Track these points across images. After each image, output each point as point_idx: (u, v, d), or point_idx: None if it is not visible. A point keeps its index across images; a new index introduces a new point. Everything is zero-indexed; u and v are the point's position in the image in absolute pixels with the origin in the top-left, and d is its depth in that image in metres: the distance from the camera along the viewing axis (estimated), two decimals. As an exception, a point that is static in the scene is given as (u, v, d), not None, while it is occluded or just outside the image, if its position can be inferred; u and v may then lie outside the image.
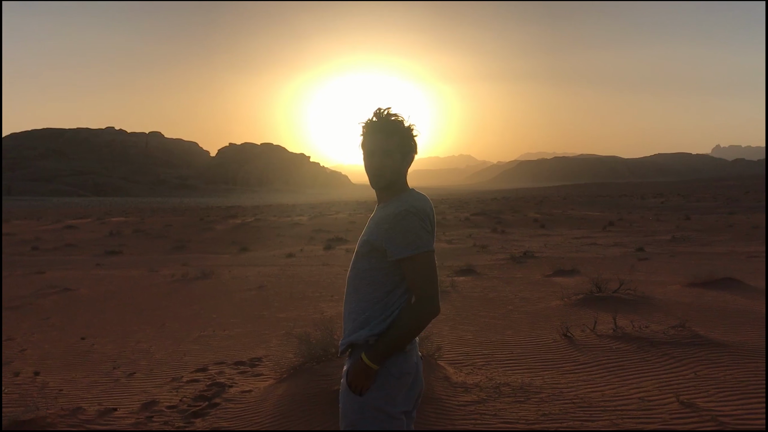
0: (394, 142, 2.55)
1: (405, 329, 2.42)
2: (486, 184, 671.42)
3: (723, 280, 10.95)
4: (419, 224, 2.44)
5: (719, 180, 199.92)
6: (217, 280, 14.41)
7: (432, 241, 2.47)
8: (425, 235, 2.44)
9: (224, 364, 6.82)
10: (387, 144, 2.54)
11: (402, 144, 2.56)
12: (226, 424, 4.97)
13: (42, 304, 11.40)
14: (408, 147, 2.59)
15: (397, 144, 2.55)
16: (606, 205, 72.92)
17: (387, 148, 2.54)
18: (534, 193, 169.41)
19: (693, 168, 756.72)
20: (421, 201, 2.52)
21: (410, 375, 2.50)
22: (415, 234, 2.43)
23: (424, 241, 2.44)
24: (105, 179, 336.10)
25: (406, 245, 2.43)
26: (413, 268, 2.44)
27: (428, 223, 2.48)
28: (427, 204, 2.54)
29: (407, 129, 2.57)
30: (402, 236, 2.44)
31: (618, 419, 4.69)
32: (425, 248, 2.44)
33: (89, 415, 5.21)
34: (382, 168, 2.56)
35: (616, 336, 6.97)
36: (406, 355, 2.49)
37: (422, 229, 2.44)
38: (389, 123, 2.54)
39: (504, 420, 4.74)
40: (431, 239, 2.47)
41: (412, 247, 2.43)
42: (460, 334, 7.76)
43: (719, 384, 5.35)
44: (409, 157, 2.61)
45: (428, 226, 2.47)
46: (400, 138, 2.56)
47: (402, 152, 2.57)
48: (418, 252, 2.43)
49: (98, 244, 31.99)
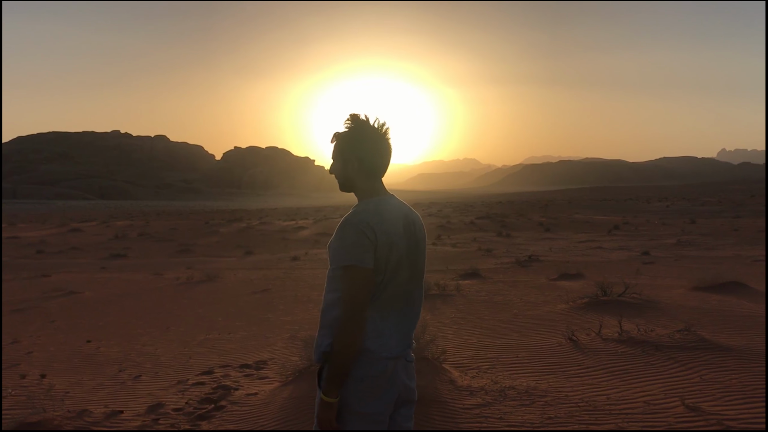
0: (336, 148, 2.55)
1: (334, 353, 2.35)
2: (491, 188, 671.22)
3: (728, 284, 10.92)
4: (353, 237, 2.32)
5: (725, 184, 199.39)
6: (222, 283, 14.44)
7: (365, 257, 2.31)
8: (355, 250, 2.31)
9: (229, 367, 6.83)
10: (332, 151, 2.58)
11: (341, 150, 2.53)
12: (231, 426, 4.98)
13: (48, 307, 11.44)
14: (346, 153, 2.51)
15: (337, 150, 2.54)
16: (611, 209, 72.78)
17: (332, 155, 2.58)
18: (539, 196, 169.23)
19: (698, 172, 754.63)
20: (370, 213, 2.39)
21: (378, 378, 2.42)
22: (344, 247, 2.32)
23: (352, 256, 2.30)
24: (110, 182, 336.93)
25: (334, 257, 2.38)
26: (342, 282, 2.35)
27: (369, 237, 2.32)
28: (378, 216, 2.39)
29: (344, 135, 2.52)
30: (334, 247, 2.39)
31: (623, 423, 4.68)
32: (349, 262, 2.31)
33: (96, 418, 5.22)
34: (334, 173, 2.58)
35: (621, 340, 6.96)
36: (370, 360, 2.41)
37: (354, 243, 2.31)
38: (336, 131, 2.56)
39: (509, 423, 4.74)
40: (365, 254, 2.31)
41: (338, 259, 2.35)
42: (465, 337, 7.76)
43: (725, 388, 5.34)
44: (351, 165, 2.51)
45: (366, 240, 2.32)
46: (339, 144, 2.54)
47: (342, 159, 2.53)
48: (342, 265, 2.34)
49: (103, 248, 32.07)
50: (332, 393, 2.36)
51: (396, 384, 2.49)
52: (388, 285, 2.42)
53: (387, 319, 2.44)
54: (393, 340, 2.46)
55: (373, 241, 2.33)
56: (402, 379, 2.52)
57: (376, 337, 2.41)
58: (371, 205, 2.44)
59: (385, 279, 2.40)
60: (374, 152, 2.50)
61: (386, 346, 2.44)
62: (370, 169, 2.51)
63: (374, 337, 2.41)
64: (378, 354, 2.42)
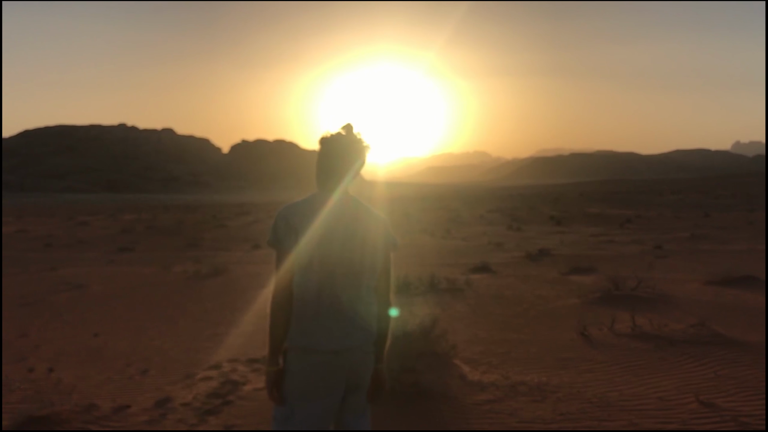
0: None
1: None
2: (501, 181, 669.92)
3: (743, 278, 10.82)
4: (275, 222, 2.66)
5: (739, 177, 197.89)
6: (229, 277, 14.41)
7: (280, 241, 2.62)
8: (271, 233, 2.66)
9: (237, 361, 6.79)
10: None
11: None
12: (239, 421, 4.93)
13: (55, 301, 11.44)
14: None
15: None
16: (623, 202, 72.51)
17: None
18: (550, 189, 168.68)
19: (712, 164, 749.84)
20: (295, 204, 2.70)
21: (313, 366, 2.58)
22: (270, 229, 2.68)
23: (270, 237, 2.67)
24: (117, 176, 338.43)
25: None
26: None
27: (283, 225, 2.63)
28: (300, 207, 2.67)
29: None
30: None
31: (636, 419, 4.61)
32: (270, 243, 2.67)
33: (103, 412, 5.19)
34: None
35: (634, 335, 6.88)
36: (303, 352, 2.59)
37: (273, 228, 2.66)
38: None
39: (520, 419, 4.67)
40: (280, 238, 2.63)
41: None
42: (475, 332, 7.69)
43: (740, 384, 5.26)
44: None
45: (281, 228, 2.63)
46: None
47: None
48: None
49: (111, 241, 32.17)
50: (268, 362, 2.63)
51: (337, 372, 2.60)
52: (307, 275, 2.60)
53: (315, 317, 2.60)
54: (323, 339, 2.59)
55: (281, 230, 2.64)
56: (345, 366, 2.62)
57: (302, 336, 2.60)
58: (302, 198, 2.74)
59: (300, 266, 2.60)
60: (327, 156, 2.73)
61: (317, 343, 2.59)
62: (320, 174, 2.75)
63: (299, 335, 2.60)
64: (309, 344, 2.59)
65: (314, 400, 2.59)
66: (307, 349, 2.59)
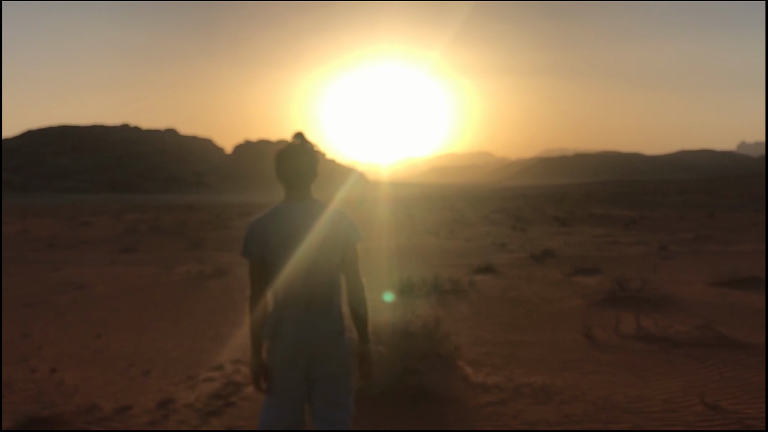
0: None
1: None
2: (505, 181, 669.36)
3: (748, 279, 10.77)
4: (244, 236, 2.95)
5: (744, 177, 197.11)
6: (233, 277, 14.39)
7: (248, 251, 2.92)
8: (242, 246, 2.95)
9: (240, 362, 6.77)
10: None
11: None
12: (241, 423, 4.92)
13: (58, 301, 11.44)
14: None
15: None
16: (628, 203, 72.38)
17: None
18: (554, 190, 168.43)
19: (717, 165, 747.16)
20: (258, 219, 2.95)
21: (280, 354, 2.86)
22: (242, 242, 2.97)
23: (241, 249, 2.97)
24: (120, 176, 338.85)
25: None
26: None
27: (249, 238, 2.92)
28: (263, 220, 2.92)
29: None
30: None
31: (641, 421, 4.58)
32: (242, 254, 2.95)
33: (105, 413, 5.18)
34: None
35: (639, 336, 6.85)
36: (272, 342, 2.90)
37: (243, 241, 2.95)
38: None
39: (524, 421, 4.64)
40: (249, 250, 2.92)
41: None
42: (479, 333, 7.66)
43: (745, 386, 5.23)
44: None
45: (249, 240, 2.92)
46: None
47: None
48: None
49: (114, 242, 32.17)
50: (251, 356, 2.96)
51: (298, 361, 2.85)
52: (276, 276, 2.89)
53: (283, 311, 2.90)
54: (290, 330, 2.87)
55: (249, 241, 2.92)
56: (306, 354, 2.86)
57: (272, 329, 2.91)
58: (271, 208, 2.98)
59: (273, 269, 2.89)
60: (279, 167, 3.03)
61: (283, 334, 2.87)
62: (281, 184, 3.04)
63: (270, 328, 2.92)
64: (277, 339, 2.89)
65: (283, 389, 2.86)
66: (275, 339, 2.89)
